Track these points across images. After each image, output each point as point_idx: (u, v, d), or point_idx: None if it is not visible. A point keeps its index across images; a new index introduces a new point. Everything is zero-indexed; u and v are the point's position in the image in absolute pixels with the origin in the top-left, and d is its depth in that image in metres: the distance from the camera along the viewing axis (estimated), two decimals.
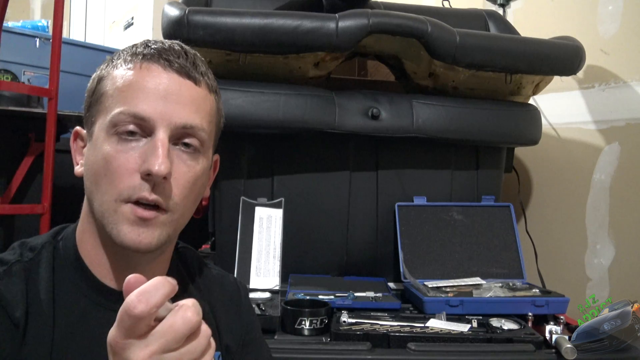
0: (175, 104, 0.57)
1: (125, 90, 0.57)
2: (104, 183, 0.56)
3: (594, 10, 1.60)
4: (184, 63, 0.59)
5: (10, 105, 1.68)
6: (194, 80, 0.59)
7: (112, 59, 0.61)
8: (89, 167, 0.59)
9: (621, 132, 1.53)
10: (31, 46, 2.25)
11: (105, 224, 0.56)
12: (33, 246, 0.60)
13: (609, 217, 1.54)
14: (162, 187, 0.55)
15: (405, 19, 1.26)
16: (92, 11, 3.64)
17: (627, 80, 1.52)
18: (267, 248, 1.31)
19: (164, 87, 0.57)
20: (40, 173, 1.65)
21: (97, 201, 0.57)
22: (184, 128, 0.57)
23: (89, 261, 0.60)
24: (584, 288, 1.58)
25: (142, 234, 0.55)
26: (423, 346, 1.00)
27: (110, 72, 0.59)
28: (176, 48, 0.60)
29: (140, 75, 0.57)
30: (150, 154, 0.54)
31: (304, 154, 1.39)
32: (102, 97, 0.58)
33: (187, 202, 0.59)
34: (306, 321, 1.04)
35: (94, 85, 0.61)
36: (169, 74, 0.58)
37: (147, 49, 0.59)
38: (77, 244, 0.61)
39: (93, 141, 0.58)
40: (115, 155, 0.55)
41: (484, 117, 1.38)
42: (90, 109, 0.60)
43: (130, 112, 0.55)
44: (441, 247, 1.39)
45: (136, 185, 0.55)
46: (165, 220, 0.57)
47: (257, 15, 1.20)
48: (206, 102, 0.61)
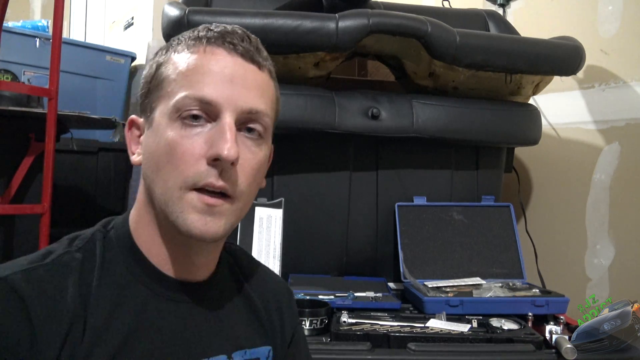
0: (241, 88, 0.55)
1: (189, 75, 0.55)
2: (167, 170, 0.54)
3: (594, 10, 1.60)
4: (248, 47, 0.57)
5: (10, 105, 1.67)
6: (258, 65, 0.58)
7: (171, 44, 0.59)
8: (149, 154, 0.57)
9: (621, 132, 1.53)
10: (31, 46, 2.25)
11: (169, 213, 0.54)
12: (83, 237, 0.58)
13: (609, 217, 1.54)
14: (229, 174, 0.54)
15: (405, 19, 1.26)
16: (92, 11, 3.64)
17: (627, 80, 1.52)
18: (267, 248, 1.31)
19: (230, 71, 0.55)
20: (40, 173, 1.65)
21: (159, 189, 0.55)
22: (249, 113, 0.55)
23: (146, 250, 0.58)
24: (584, 288, 1.58)
25: (209, 223, 0.54)
26: (423, 346, 1.00)
27: (171, 57, 0.58)
28: (239, 32, 0.58)
29: (205, 58, 0.55)
30: (217, 138, 0.53)
31: (304, 154, 1.39)
32: (164, 82, 0.57)
33: (250, 190, 0.58)
34: (306, 321, 1.04)
35: (152, 71, 0.59)
36: (234, 58, 0.56)
37: (209, 32, 0.57)
38: (132, 233, 0.59)
39: (154, 128, 0.57)
40: (180, 140, 0.53)
41: (484, 117, 1.38)
42: (149, 96, 0.58)
43: (195, 96, 0.54)
44: (441, 247, 1.39)
45: (202, 172, 0.53)
46: (230, 208, 0.55)
47: (257, 15, 1.20)
48: (269, 87, 0.60)
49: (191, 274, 0.60)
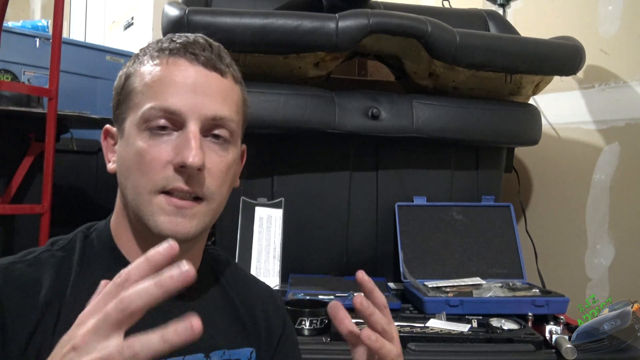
0: (204, 96, 0.57)
1: (154, 86, 0.57)
2: (137, 176, 0.57)
3: (594, 10, 1.60)
4: (210, 56, 0.59)
5: (10, 105, 1.68)
6: (220, 72, 0.60)
7: (137, 56, 0.61)
8: (121, 162, 0.60)
9: (621, 132, 1.53)
10: (31, 46, 2.25)
11: (142, 216, 0.57)
12: (65, 238, 0.61)
13: (609, 217, 1.54)
14: (196, 179, 0.56)
15: (405, 19, 1.26)
16: (92, 11, 3.65)
17: (627, 80, 1.52)
18: (267, 248, 1.31)
19: (192, 81, 0.57)
20: (40, 173, 1.65)
21: (130, 194, 0.58)
22: (213, 119, 0.58)
23: (126, 252, 0.61)
24: (584, 288, 1.58)
25: (179, 224, 0.56)
26: (423, 346, 1.00)
27: (137, 69, 0.60)
28: (201, 41, 0.60)
29: (168, 70, 0.58)
30: (183, 146, 0.55)
31: (304, 154, 1.39)
32: (131, 93, 0.59)
33: (222, 191, 0.60)
34: (306, 321, 1.04)
35: (121, 83, 0.61)
36: (195, 67, 0.58)
37: (172, 43, 0.60)
38: (112, 236, 0.62)
39: (125, 138, 0.59)
40: (148, 149, 0.56)
41: (484, 117, 1.38)
42: (120, 107, 0.61)
43: (160, 106, 0.56)
44: (441, 247, 1.39)
45: (170, 176, 0.56)
46: (202, 209, 0.58)
47: (257, 15, 1.20)
48: (233, 92, 0.62)
49: None
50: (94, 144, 2.25)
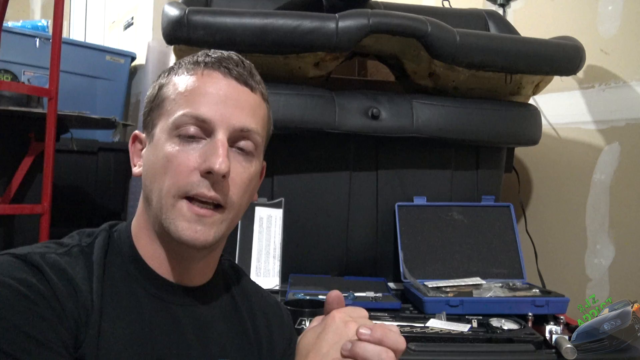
0: (234, 108, 0.60)
1: (187, 95, 0.60)
2: (163, 180, 0.59)
3: (594, 10, 1.60)
4: (242, 71, 0.63)
5: (10, 105, 1.68)
6: (250, 87, 0.63)
7: (172, 68, 0.65)
8: (148, 166, 0.62)
9: (621, 132, 1.53)
10: (31, 46, 2.26)
11: (163, 220, 0.59)
12: (90, 232, 0.63)
13: (609, 217, 1.54)
14: (220, 185, 0.58)
15: (405, 19, 1.26)
16: (92, 11, 3.64)
17: (627, 80, 1.52)
18: (267, 248, 1.31)
19: (224, 92, 0.60)
20: (40, 173, 1.65)
21: (155, 197, 0.60)
22: (241, 131, 0.60)
23: (144, 254, 0.62)
24: (584, 288, 1.58)
25: (198, 231, 0.58)
26: (423, 346, 1.00)
27: (172, 79, 0.63)
28: (234, 57, 0.64)
29: (202, 81, 0.61)
30: (210, 153, 0.57)
31: (304, 154, 1.39)
32: (165, 101, 0.62)
33: (242, 201, 0.62)
34: (306, 321, 1.04)
35: (155, 92, 0.64)
36: (228, 81, 0.61)
37: (207, 57, 0.63)
38: (132, 238, 0.64)
39: (154, 143, 0.62)
40: (177, 154, 0.58)
41: (484, 117, 1.38)
42: (151, 114, 0.64)
43: (192, 114, 0.58)
44: (441, 247, 1.39)
45: (195, 182, 0.58)
46: (221, 218, 0.60)
47: (257, 15, 1.20)
48: (260, 108, 0.64)
49: (186, 279, 0.64)
50: (94, 144, 2.26)
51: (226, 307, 0.69)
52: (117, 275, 0.60)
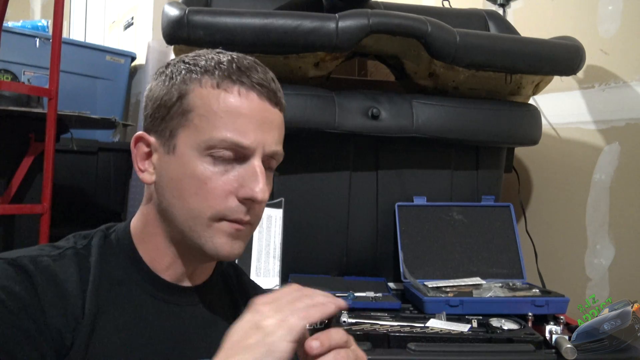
0: (268, 133, 0.60)
1: (223, 116, 0.57)
2: (195, 200, 0.58)
3: (594, 10, 1.60)
4: (273, 87, 0.61)
5: (10, 105, 1.67)
6: (280, 107, 0.63)
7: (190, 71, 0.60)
8: (170, 180, 0.59)
9: (621, 132, 1.53)
10: (31, 46, 2.25)
11: (195, 237, 0.59)
12: (86, 235, 0.63)
13: (609, 217, 1.54)
14: (256, 210, 0.60)
15: (405, 19, 1.26)
16: (92, 11, 3.64)
17: (627, 80, 1.52)
18: (267, 248, 1.31)
19: (260, 116, 0.59)
20: (40, 173, 1.65)
21: (182, 215, 0.59)
22: (271, 155, 0.61)
23: (147, 256, 0.62)
24: (584, 288, 1.58)
25: (234, 245, 0.60)
26: (423, 346, 1.01)
27: (196, 89, 0.58)
28: (259, 68, 0.61)
29: (240, 102, 0.58)
30: (250, 180, 0.58)
31: (304, 154, 1.39)
32: (190, 114, 0.58)
33: (262, 215, 0.64)
34: None
35: (173, 98, 0.59)
36: (263, 104, 0.60)
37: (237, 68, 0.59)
38: (133, 239, 0.63)
39: (178, 156, 0.58)
40: (211, 176, 0.57)
41: (484, 117, 1.38)
42: (170, 121, 0.59)
43: (233, 141, 0.57)
44: (441, 247, 1.39)
45: (233, 208, 0.58)
46: (249, 231, 0.62)
47: (257, 15, 1.20)
48: (283, 126, 0.65)
49: (186, 280, 0.64)
50: (94, 144, 2.25)
51: (225, 305, 0.69)
52: (115, 276, 0.60)
